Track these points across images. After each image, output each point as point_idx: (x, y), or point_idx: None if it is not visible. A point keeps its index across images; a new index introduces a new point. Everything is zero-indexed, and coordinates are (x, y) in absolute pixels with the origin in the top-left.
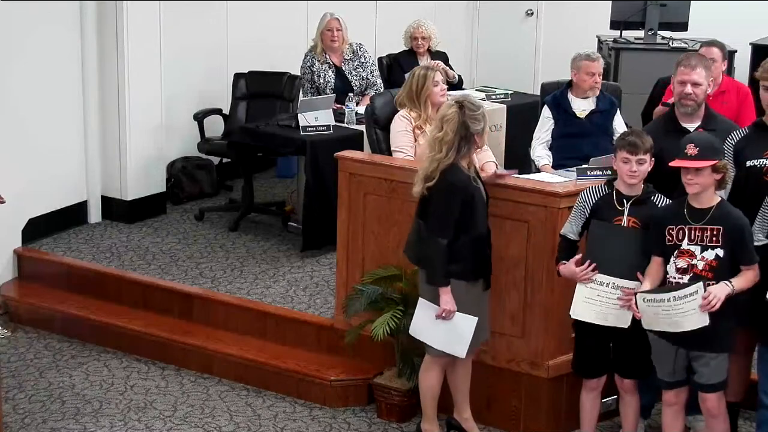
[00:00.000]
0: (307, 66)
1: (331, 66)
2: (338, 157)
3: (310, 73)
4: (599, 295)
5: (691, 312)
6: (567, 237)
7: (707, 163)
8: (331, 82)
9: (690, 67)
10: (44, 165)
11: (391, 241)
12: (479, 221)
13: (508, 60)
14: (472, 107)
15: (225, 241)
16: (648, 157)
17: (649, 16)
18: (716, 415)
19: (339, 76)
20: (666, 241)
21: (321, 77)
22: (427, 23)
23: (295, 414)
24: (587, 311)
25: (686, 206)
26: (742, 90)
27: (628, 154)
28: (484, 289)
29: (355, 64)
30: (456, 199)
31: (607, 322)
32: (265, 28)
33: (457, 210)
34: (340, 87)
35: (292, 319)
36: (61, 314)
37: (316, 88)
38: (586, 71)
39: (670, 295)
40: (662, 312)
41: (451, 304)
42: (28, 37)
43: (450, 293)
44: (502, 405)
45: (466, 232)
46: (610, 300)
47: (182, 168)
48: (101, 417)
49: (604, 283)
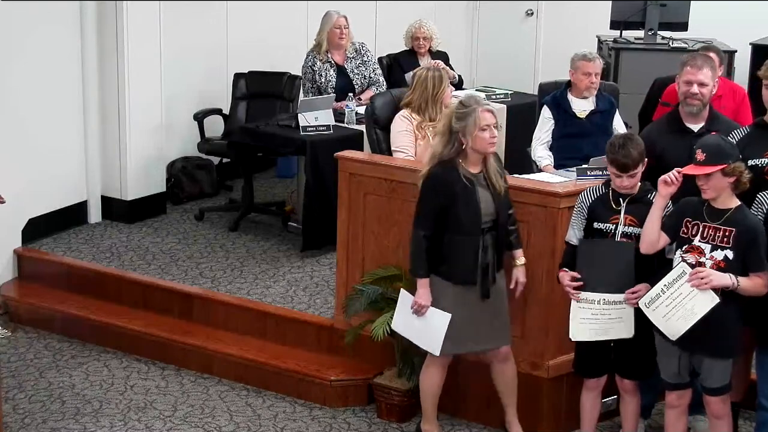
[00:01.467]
0: (308, 65)
1: (333, 65)
2: (338, 157)
3: (311, 73)
4: (593, 314)
5: (691, 294)
6: (570, 243)
7: (713, 168)
8: (333, 82)
9: (696, 67)
10: (44, 165)
11: (391, 241)
12: (465, 223)
13: (508, 60)
14: (460, 105)
15: (225, 241)
16: (639, 168)
17: (649, 16)
18: (721, 416)
19: (341, 75)
20: (681, 233)
21: (322, 76)
22: (428, 23)
23: (295, 414)
24: (585, 331)
25: (706, 204)
26: (738, 92)
27: (618, 171)
28: (480, 296)
29: (358, 62)
30: (434, 193)
31: (609, 336)
32: (265, 28)
33: (435, 205)
34: (342, 86)
35: (292, 319)
36: (61, 314)
37: (317, 88)
38: (583, 71)
39: (661, 285)
40: (667, 308)
41: (425, 298)
42: (28, 37)
43: (426, 287)
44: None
45: (449, 231)
46: (605, 316)
47: (182, 168)
48: (101, 417)
49: (595, 301)
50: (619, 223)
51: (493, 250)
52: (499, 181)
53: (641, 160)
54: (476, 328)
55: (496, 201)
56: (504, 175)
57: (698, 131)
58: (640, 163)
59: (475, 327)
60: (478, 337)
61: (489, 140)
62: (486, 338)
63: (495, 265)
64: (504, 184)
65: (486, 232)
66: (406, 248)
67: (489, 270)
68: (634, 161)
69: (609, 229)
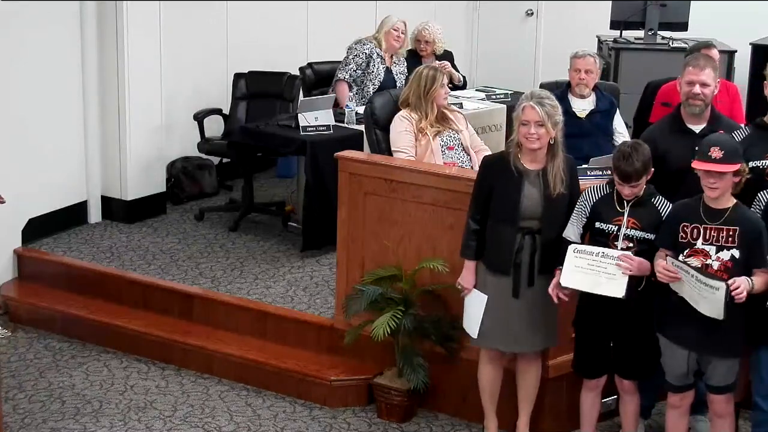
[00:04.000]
0: (365, 51)
1: (383, 63)
2: (338, 157)
3: (365, 59)
4: (590, 264)
5: (709, 297)
6: (568, 240)
7: (731, 167)
8: (381, 77)
9: (699, 67)
10: (44, 165)
11: (391, 241)
12: (503, 213)
13: (508, 60)
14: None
15: (225, 241)
16: (643, 179)
17: (649, 16)
18: (724, 415)
19: (388, 76)
20: (679, 238)
21: (374, 68)
22: (432, 26)
23: (295, 414)
24: (578, 279)
25: (702, 205)
26: (731, 89)
27: (620, 180)
28: (512, 294)
29: (401, 68)
30: (481, 177)
31: (599, 289)
32: (265, 28)
33: (481, 189)
34: (386, 85)
35: (292, 319)
36: (61, 314)
37: (362, 74)
38: (574, 68)
39: (696, 273)
40: (686, 281)
41: (466, 280)
42: (28, 37)
43: (470, 269)
44: (503, 405)
45: (491, 217)
46: (600, 268)
47: (182, 168)
48: (101, 417)
49: (594, 253)
50: (621, 225)
51: (531, 252)
52: (557, 183)
53: (645, 171)
54: (507, 327)
55: (545, 202)
56: (567, 181)
57: (700, 132)
58: (644, 174)
59: (506, 326)
60: (507, 338)
61: (526, 135)
62: (515, 341)
63: (533, 268)
64: (563, 189)
65: (526, 233)
66: (406, 248)
67: (521, 269)
68: (638, 173)
69: (611, 230)
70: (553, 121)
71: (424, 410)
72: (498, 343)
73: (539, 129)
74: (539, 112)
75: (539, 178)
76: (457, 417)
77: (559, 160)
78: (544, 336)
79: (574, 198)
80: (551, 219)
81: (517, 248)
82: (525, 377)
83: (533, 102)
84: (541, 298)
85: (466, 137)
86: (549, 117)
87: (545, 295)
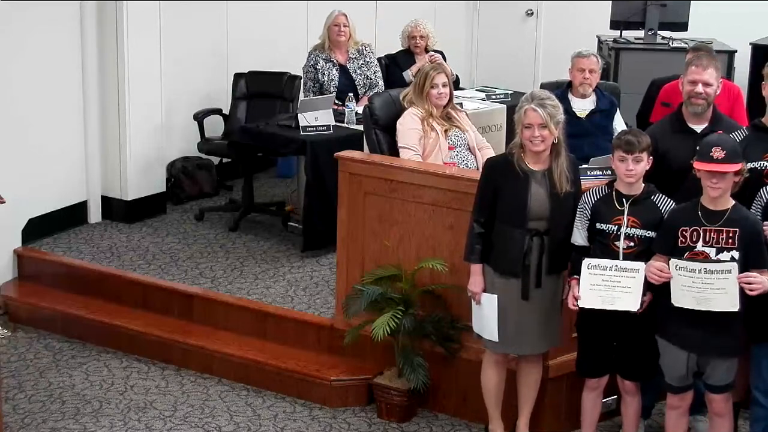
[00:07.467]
0: (311, 64)
1: (335, 65)
2: (338, 157)
3: (313, 71)
4: (604, 280)
5: (722, 291)
6: (576, 245)
7: (734, 167)
8: (335, 81)
9: (702, 66)
10: (44, 165)
11: (391, 241)
12: (511, 214)
13: (508, 60)
14: (521, 99)
15: (225, 241)
16: (645, 156)
17: (649, 16)
18: (723, 414)
19: (343, 74)
20: (678, 243)
21: (325, 75)
22: (424, 22)
23: (295, 414)
24: (593, 298)
25: (700, 208)
26: (732, 90)
27: (624, 153)
28: (521, 296)
29: (360, 63)
30: (486, 180)
31: (615, 306)
32: (265, 28)
33: (486, 191)
34: (345, 86)
35: (292, 319)
36: (61, 314)
37: (320, 86)
38: (578, 67)
39: (702, 266)
40: (692, 284)
41: (474, 285)
42: (28, 37)
43: (478, 274)
44: (502, 405)
45: (497, 219)
46: (614, 282)
47: (182, 168)
48: (101, 417)
49: (607, 267)
50: (622, 224)
51: (540, 253)
52: (563, 182)
53: (647, 148)
54: (518, 329)
55: (552, 202)
56: (570, 179)
57: (702, 132)
58: (646, 150)
59: (517, 328)
60: (520, 340)
61: (530, 138)
62: (528, 343)
63: (541, 269)
64: (568, 188)
65: (534, 235)
66: (406, 248)
67: (530, 270)
68: (641, 143)
69: (611, 230)
70: (555, 121)
71: (424, 410)
72: (513, 347)
73: (543, 131)
74: (541, 114)
75: (545, 178)
76: (457, 417)
77: (563, 158)
78: (551, 337)
79: (578, 196)
80: (559, 218)
81: (526, 250)
82: (527, 378)
83: (534, 104)
84: (548, 298)
85: (472, 137)
86: (551, 118)
87: (552, 295)
